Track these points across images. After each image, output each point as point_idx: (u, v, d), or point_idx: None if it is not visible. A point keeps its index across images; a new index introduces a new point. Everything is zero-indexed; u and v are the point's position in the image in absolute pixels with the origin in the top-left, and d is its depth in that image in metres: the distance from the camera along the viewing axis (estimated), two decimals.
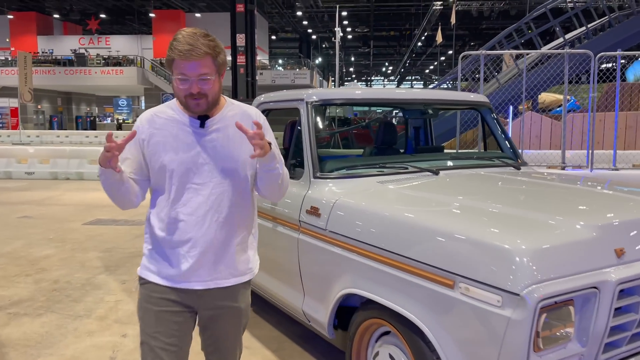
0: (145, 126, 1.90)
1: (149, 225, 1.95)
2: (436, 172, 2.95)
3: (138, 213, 7.94)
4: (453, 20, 16.65)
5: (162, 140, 1.87)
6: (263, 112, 3.59)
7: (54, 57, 36.24)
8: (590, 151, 6.96)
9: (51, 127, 36.50)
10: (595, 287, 1.80)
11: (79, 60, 36.06)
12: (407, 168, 2.97)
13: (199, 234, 1.86)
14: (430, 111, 3.28)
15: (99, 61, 36.15)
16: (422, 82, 68.40)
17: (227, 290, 1.94)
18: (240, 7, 27.15)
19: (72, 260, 5.38)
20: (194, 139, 1.87)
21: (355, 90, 3.24)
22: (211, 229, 1.86)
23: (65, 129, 35.20)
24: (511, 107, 10.35)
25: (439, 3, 25.40)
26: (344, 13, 22.78)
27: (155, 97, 36.14)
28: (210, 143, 1.87)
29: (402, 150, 4.28)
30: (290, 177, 3.13)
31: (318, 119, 3.11)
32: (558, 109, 16.76)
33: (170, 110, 1.91)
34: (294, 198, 2.90)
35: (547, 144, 10.99)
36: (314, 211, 2.71)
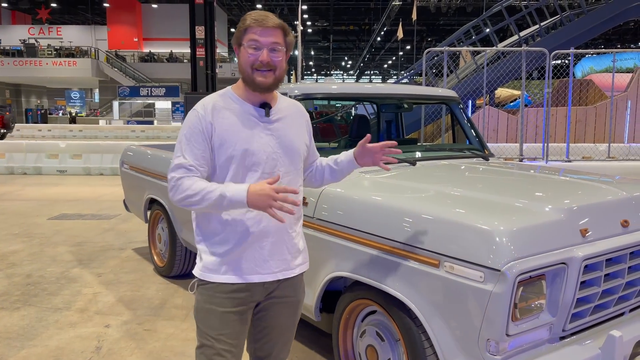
0: (210, 116, 1.76)
1: (207, 223, 1.82)
2: (413, 163, 3.13)
3: (103, 207, 7.86)
4: (414, 16, 17.02)
5: (230, 130, 1.76)
6: None
7: (2, 48, 34.86)
8: (545, 144, 7.34)
9: None
10: (564, 263, 2.02)
11: (29, 50, 34.79)
12: None
13: (270, 222, 1.78)
14: (405, 105, 3.46)
15: (50, 52, 34.97)
16: (380, 77, 69.17)
17: (290, 281, 1.90)
18: None
19: (42, 255, 5.32)
20: (261, 129, 1.79)
21: (334, 85, 3.38)
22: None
23: (15, 122, 33.89)
24: (470, 102, 10.74)
25: None
26: (304, 7, 22.92)
27: (111, 89, 35.29)
28: (276, 132, 1.81)
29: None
30: None
31: None
32: (511, 104, 17.41)
33: (231, 99, 1.81)
34: None
35: (503, 137, 11.47)
36: (302, 200, 2.85)
